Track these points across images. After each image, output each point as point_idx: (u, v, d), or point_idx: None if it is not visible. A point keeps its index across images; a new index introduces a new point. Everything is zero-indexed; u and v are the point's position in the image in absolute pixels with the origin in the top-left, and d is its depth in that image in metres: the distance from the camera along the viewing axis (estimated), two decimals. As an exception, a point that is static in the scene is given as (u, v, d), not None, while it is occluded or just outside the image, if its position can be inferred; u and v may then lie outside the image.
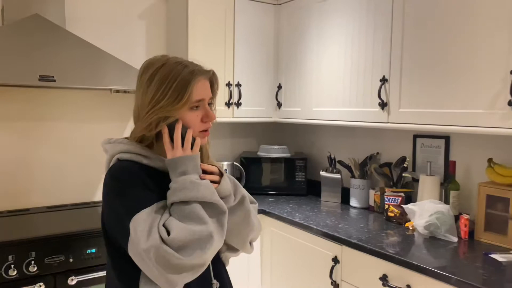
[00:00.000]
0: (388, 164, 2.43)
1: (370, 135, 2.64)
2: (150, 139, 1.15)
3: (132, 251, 1.00)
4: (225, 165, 2.65)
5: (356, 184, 2.56)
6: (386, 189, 2.31)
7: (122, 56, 2.53)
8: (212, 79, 1.19)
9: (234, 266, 1.61)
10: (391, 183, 2.36)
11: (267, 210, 2.48)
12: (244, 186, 2.87)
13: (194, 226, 1.00)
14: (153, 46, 2.76)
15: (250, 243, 1.29)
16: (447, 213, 1.96)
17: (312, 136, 3.08)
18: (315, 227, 2.13)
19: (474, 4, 1.72)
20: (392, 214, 2.20)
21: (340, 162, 2.67)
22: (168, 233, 0.99)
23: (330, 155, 2.75)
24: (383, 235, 2.00)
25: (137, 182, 1.06)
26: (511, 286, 1.42)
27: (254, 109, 2.84)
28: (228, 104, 2.70)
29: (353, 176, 2.59)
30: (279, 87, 2.86)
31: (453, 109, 1.82)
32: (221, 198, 1.11)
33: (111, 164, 1.15)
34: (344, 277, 1.96)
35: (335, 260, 2.00)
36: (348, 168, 2.62)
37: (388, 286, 1.73)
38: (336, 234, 2.00)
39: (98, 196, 2.60)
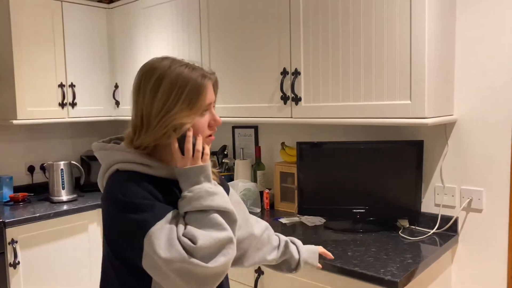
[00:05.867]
0: (215, 153, 2.78)
1: (201, 128, 2.96)
2: (151, 145, 1.09)
3: (148, 265, 0.97)
4: (61, 164, 2.72)
5: (189, 173, 2.85)
6: (211, 174, 2.65)
7: None
8: (215, 81, 1.15)
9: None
10: (217, 169, 2.71)
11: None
12: (85, 184, 2.98)
13: (216, 233, 0.98)
14: (-24, 48, 2.69)
15: None
16: (253, 190, 2.36)
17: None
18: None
19: (258, 23, 2.12)
20: (214, 195, 2.54)
21: (175, 153, 2.94)
22: (192, 242, 0.96)
23: (166, 148, 3.00)
24: (202, 213, 2.32)
25: (146, 195, 1.01)
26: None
27: (91, 108, 2.96)
28: (62, 105, 2.76)
29: (187, 166, 2.88)
30: (116, 86, 3.02)
31: (255, 104, 2.20)
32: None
33: (108, 174, 1.09)
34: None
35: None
36: (183, 158, 2.90)
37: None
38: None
39: None
